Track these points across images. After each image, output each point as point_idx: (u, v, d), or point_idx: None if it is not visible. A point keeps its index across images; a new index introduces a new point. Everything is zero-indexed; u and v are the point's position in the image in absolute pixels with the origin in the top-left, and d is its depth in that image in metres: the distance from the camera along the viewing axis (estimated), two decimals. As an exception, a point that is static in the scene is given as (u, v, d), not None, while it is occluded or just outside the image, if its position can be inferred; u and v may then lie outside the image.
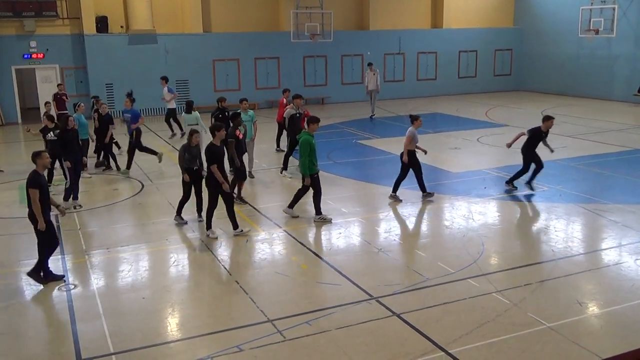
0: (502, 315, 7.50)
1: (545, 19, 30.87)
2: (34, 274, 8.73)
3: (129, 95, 16.08)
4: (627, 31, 26.72)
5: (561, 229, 10.83)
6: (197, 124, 15.61)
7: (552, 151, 13.35)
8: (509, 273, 8.87)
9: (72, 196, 12.43)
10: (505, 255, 9.64)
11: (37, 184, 8.41)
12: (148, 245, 10.35)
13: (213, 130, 10.48)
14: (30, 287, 8.72)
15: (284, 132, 16.02)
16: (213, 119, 14.91)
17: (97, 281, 8.87)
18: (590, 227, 11.00)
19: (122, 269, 9.34)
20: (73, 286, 8.66)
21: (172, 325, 7.58)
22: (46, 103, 18.22)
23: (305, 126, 11.58)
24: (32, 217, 8.56)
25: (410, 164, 12.18)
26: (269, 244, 10.31)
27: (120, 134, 18.13)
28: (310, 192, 11.28)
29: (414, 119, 12.23)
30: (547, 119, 12.85)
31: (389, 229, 11.00)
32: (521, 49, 32.47)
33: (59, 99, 20.79)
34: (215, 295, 8.45)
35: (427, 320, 7.42)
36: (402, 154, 12.22)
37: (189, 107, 16.09)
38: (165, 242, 10.40)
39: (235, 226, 10.55)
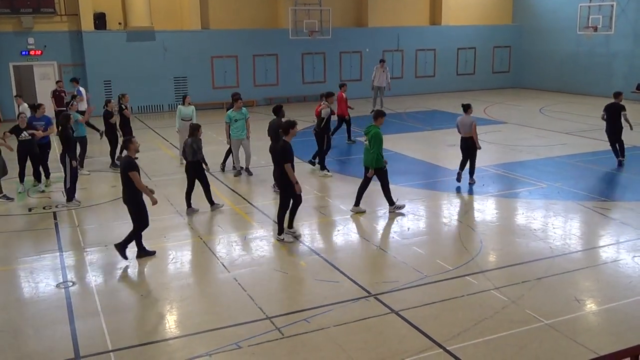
0: (500, 312, 7.52)
1: (544, 16, 30.87)
2: (121, 248, 9.33)
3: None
4: (626, 28, 26.72)
5: (559, 226, 10.84)
6: (191, 119, 15.50)
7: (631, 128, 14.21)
8: (507, 270, 8.88)
9: (71, 195, 12.41)
10: (503, 253, 9.66)
11: (134, 166, 9.20)
12: (146, 243, 10.33)
13: (288, 127, 9.90)
14: (29, 285, 8.73)
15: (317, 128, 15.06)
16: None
17: (95, 278, 8.87)
18: (588, 225, 11.01)
19: (121, 266, 9.34)
20: (71, 283, 8.65)
21: (171, 322, 7.58)
22: (18, 97, 17.16)
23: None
24: (129, 200, 9.28)
25: (473, 150, 13.03)
26: (267, 241, 10.31)
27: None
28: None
29: (467, 107, 13.19)
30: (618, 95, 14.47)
31: (387, 226, 11.00)
32: (520, 46, 32.46)
33: (57, 96, 20.77)
34: (213, 292, 8.46)
35: (425, 317, 7.43)
36: (463, 140, 13.11)
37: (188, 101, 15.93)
38: (164, 239, 10.40)
39: (280, 231, 10.16)
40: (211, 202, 11.86)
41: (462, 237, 10.25)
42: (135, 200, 9.28)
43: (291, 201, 10.08)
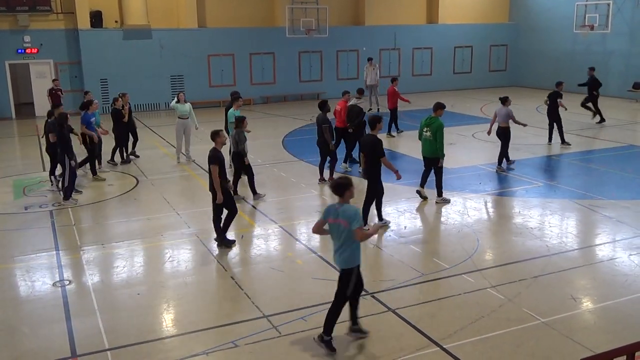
0: (496, 310, 7.53)
1: (541, 15, 30.90)
2: (222, 241, 9.72)
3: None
4: (622, 27, 26.76)
5: (555, 224, 10.87)
6: (188, 117, 15.52)
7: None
8: (504, 268, 8.90)
9: (68, 194, 12.39)
10: (500, 251, 9.67)
11: (217, 159, 9.36)
12: (143, 241, 10.34)
13: (375, 122, 10.02)
14: (25, 283, 8.71)
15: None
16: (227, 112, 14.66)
17: (92, 277, 8.85)
18: (584, 223, 11.04)
19: (117, 264, 9.33)
20: (68, 282, 8.64)
21: (168, 321, 7.58)
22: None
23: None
24: (213, 189, 9.51)
25: (505, 138, 14.20)
26: (264, 240, 10.32)
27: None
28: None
29: (505, 99, 14.41)
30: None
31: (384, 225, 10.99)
32: (516, 45, 32.49)
33: (54, 94, 20.76)
34: (210, 291, 8.45)
35: (422, 315, 7.44)
36: (499, 129, 14.26)
37: (184, 98, 15.83)
38: (161, 238, 10.39)
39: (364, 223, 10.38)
40: (254, 192, 12.27)
41: (458, 235, 10.26)
42: (221, 190, 9.52)
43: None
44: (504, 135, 14.28)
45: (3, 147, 19.01)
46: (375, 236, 9.38)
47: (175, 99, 15.84)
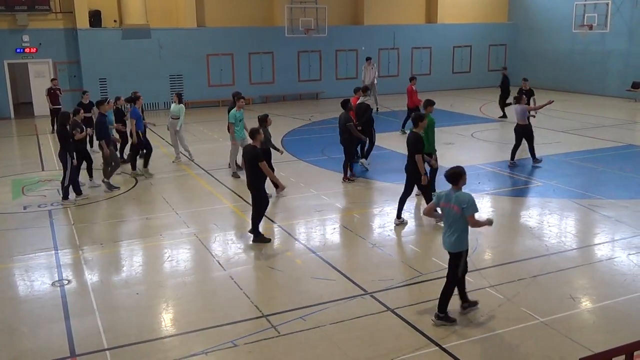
0: (495, 310, 7.53)
1: (539, 15, 30.91)
2: (257, 237, 9.87)
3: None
4: (621, 26, 26.78)
5: (554, 224, 10.87)
6: (179, 117, 15.41)
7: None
8: (503, 268, 8.91)
9: (67, 193, 12.41)
10: (499, 251, 9.67)
11: (262, 156, 9.68)
12: (142, 241, 10.33)
13: (417, 120, 10.32)
14: (24, 283, 8.71)
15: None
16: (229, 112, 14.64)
17: (91, 277, 8.85)
18: (583, 222, 11.05)
19: (116, 264, 9.33)
20: (67, 282, 8.63)
21: (167, 320, 7.58)
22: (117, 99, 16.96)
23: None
24: (252, 184, 9.78)
25: (529, 134, 14.59)
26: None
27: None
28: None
29: (519, 98, 14.76)
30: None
31: (383, 224, 11.01)
32: (515, 45, 32.50)
33: (52, 94, 20.74)
34: (209, 290, 8.45)
35: (421, 315, 7.44)
36: (519, 127, 14.57)
37: (179, 99, 15.76)
38: (159, 238, 10.39)
39: (399, 215, 10.83)
40: (276, 186, 12.31)
41: (457, 235, 10.25)
42: (257, 186, 9.79)
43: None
44: (523, 133, 14.54)
45: (2, 146, 18.99)
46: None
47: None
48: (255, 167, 9.61)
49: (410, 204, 12.04)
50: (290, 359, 6.56)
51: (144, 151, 14.97)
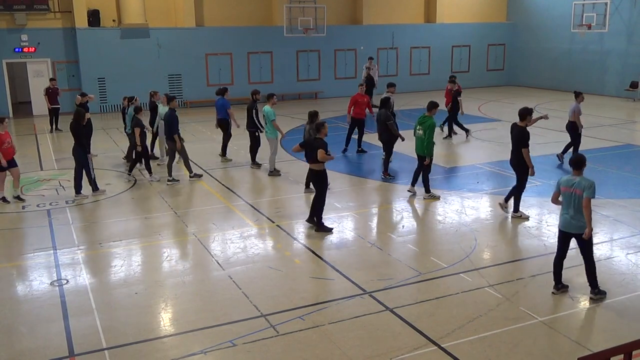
0: (494, 309, 7.54)
1: (538, 14, 30.93)
2: (321, 227, 10.38)
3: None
4: (620, 26, 26.80)
5: (553, 223, 10.85)
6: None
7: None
8: (502, 267, 8.91)
9: (95, 185, 12.91)
10: (498, 250, 9.68)
11: (325, 145, 10.36)
12: (141, 240, 10.33)
13: (525, 114, 10.75)
14: (23, 282, 8.70)
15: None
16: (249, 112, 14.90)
17: (89, 276, 8.84)
18: (582, 222, 11.03)
19: (115, 263, 9.32)
20: (65, 281, 8.63)
21: (165, 320, 7.57)
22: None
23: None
24: (319, 177, 10.43)
25: (573, 132, 14.81)
26: (262, 239, 10.31)
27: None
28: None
29: (578, 94, 14.99)
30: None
31: (381, 224, 11.01)
32: (514, 44, 32.52)
33: (51, 93, 20.73)
34: (208, 290, 8.44)
35: (419, 314, 7.45)
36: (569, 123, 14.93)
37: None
38: (158, 237, 10.38)
39: (516, 209, 11.12)
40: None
41: (456, 234, 10.27)
42: (320, 179, 10.41)
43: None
44: (570, 130, 14.87)
45: (0, 146, 18.93)
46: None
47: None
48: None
49: (406, 203, 12.04)
50: (289, 358, 6.56)
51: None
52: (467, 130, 18.38)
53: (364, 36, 29.19)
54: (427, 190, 12.24)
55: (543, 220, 10.99)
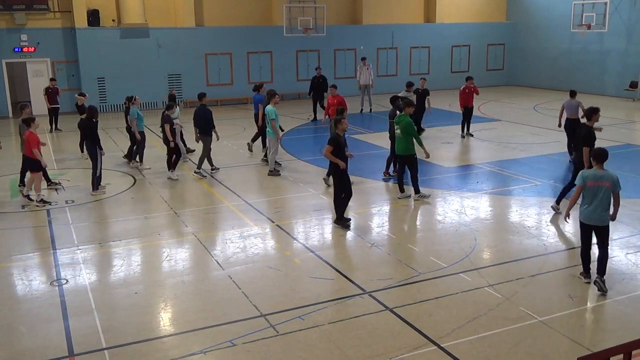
0: (494, 309, 7.54)
1: (538, 14, 30.94)
2: (339, 221, 10.56)
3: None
4: (619, 26, 26.81)
5: (553, 223, 10.87)
6: (177, 119, 15.39)
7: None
8: (501, 267, 8.91)
9: (98, 183, 13.07)
10: (497, 250, 9.68)
11: (336, 141, 10.47)
12: (140, 240, 10.33)
13: (591, 113, 10.91)
14: (22, 282, 8.70)
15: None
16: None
17: (89, 276, 8.84)
18: (581, 222, 11.03)
19: (115, 263, 9.32)
20: (65, 281, 8.63)
21: (165, 320, 7.57)
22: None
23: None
24: (333, 172, 10.62)
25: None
26: (262, 239, 10.31)
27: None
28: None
29: (574, 92, 15.26)
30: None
31: (381, 224, 11.01)
32: (514, 44, 32.53)
33: (51, 93, 20.72)
34: (207, 290, 8.44)
35: (419, 314, 7.45)
36: (569, 122, 14.95)
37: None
38: (158, 237, 10.38)
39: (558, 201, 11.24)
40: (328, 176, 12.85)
41: (456, 234, 10.27)
42: (336, 174, 10.49)
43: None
44: (574, 129, 14.45)
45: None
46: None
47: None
48: (341, 155, 10.44)
49: (406, 202, 12.03)
50: (289, 358, 6.56)
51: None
52: (421, 130, 18.32)
53: (364, 36, 29.19)
54: (417, 191, 12.12)
55: (542, 220, 10.99)
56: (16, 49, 23.90)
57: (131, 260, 9.51)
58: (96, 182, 12.98)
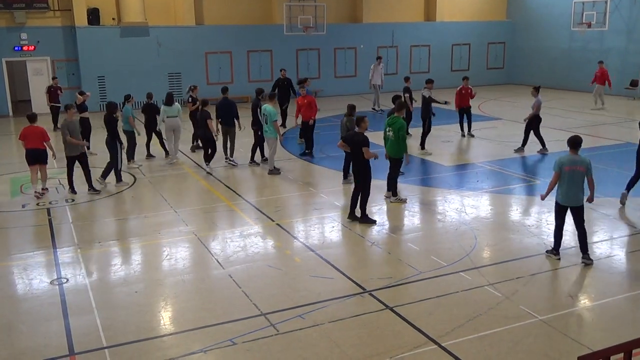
0: (494, 308, 7.54)
1: (538, 12, 30.91)
2: (364, 219, 10.68)
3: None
4: (619, 24, 26.78)
5: (553, 222, 10.84)
6: (177, 116, 15.44)
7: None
8: (501, 266, 8.91)
9: (120, 176, 13.42)
10: (497, 249, 9.68)
11: (367, 140, 10.55)
12: (140, 239, 10.33)
13: None
14: (22, 281, 8.70)
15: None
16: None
17: (89, 275, 8.84)
18: (582, 220, 11.03)
19: (115, 262, 9.33)
20: (65, 280, 8.63)
21: (165, 319, 7.57)
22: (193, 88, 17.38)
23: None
24: (358, 171, 10.69)
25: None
26: (262, 238, 10.31)
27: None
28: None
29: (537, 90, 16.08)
30: None
31: (381, 222, 11.01)
32: (514, 42, 32.51)
33: (52, 92, 20.71)
34: (208, 288, 8.44)
35: (419, 313, 7.45)
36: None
37: (170, 100, 15.78)
38: (158, 236, 10.38)
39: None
40: (345, 176, 13.26)
41: (456, 233, 10.27)
42: (363, 172, 10.65)
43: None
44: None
45: (0, 144, 18.97)
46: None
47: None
48: (360, 151, 10.48)
49: (409, 203, 12.03)
50: (289, 357, 6.56)
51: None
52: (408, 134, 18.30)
53: (364, 34, 29.17)
54: (394, 194, 11.97)
55: (543, 219, 10.99)
56: (16, 48, 23.88)
57: (131, 259, 9.51)
58: (118, 175, 13.38)
